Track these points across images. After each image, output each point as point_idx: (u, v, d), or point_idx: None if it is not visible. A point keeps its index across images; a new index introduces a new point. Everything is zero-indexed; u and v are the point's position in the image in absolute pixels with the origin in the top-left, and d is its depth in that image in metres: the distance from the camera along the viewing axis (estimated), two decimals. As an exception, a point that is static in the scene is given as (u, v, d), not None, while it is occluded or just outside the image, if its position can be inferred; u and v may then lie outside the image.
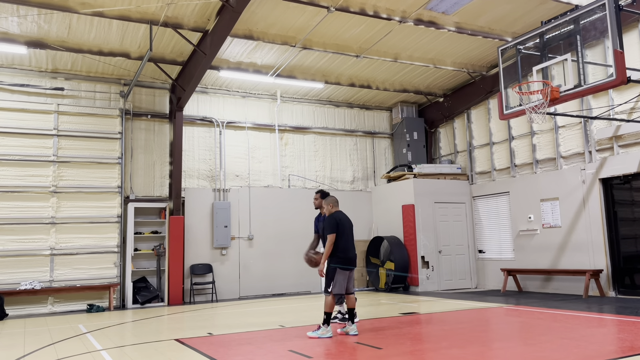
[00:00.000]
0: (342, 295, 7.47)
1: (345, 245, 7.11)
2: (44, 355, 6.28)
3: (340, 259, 7.04)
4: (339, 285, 7.00)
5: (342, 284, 7.02)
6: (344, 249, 7.08)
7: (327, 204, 7.33)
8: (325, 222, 7.23)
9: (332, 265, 7.02)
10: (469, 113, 14.46)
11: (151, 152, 12.72)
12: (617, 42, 7.39)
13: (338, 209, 7.38)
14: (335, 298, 7.11)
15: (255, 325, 8.22)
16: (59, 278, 11.31)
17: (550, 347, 5.65)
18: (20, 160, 11.32)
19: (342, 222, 7.16)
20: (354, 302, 7.24)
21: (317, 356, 5.66)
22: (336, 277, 6.99)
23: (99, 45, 10.92)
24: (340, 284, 7.00)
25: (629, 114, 10.48)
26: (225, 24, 9.60)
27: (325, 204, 7.35)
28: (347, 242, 7.14)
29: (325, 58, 12.33)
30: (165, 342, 6.99)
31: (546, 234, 11.96)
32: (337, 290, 6.99)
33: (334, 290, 6.98)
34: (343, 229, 7.12)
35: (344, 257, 7.06)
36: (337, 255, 7.04)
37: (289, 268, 13.64)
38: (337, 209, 7.34)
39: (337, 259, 7.03)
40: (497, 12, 10.73)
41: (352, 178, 15.31)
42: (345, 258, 7.07)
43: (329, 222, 7.12)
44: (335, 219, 7.13)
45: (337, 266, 6.99)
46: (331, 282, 7.01)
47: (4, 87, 11.37)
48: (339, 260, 7.03)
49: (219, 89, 13.72)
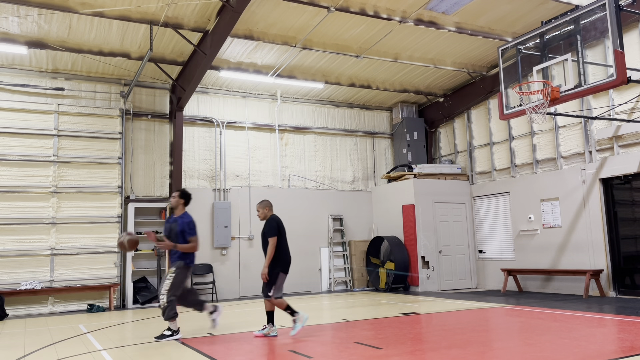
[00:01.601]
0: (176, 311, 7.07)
1: (286, 247, 7.08)
2: (45, 355, 6.28)
3: (283, 262, 7.01)
4: (282, 288, 7.05)
5: (281, 287, 7.05)
6: (286, 252, 7.07)
7: (263, 207, 7.23)
8: (265, 225, 7.09)
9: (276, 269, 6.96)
10: (469, 113, 14.47)
11: (151, 152, 12.73)
12: (617, 42, 7.38)
13: (273, 212, 7.30)
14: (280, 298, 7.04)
15: (256, 325, 8.22)
16: (59, 278, 11.32)
17: (551, 347, 5.65)
18: (21, 160, 11.32)
19: (281, 225, 7.10)
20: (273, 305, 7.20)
21: (317, 356, 5.66)
22: (278, 281, 6.98)
23: (99, 45, 10.92)
24: (280, 288, 7.02)
25: (629, 114, 10.48)
26: (225, 24, 9.61)
27: (261, 207, 7.23)
28: (286, 245, 7.11)
29: (325, 58, 12.33)
30: (166, 342, 6.99)
31: (546, 234, 11.96)
32: (278, 294, 6.98)
33: (275, 294, 6.97)
34: (282, 233, 7.06)
35: (285, 259, 7.05)
36: (280, 258, 6.98)
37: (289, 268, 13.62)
38: (272, 213, 7.27)
39: (281, 262, 6.99)
40: (497, 12, 10.74)
41: (352, 178, 15.31)
42: (286, 261, 7.07)
43: (269, 225, 7.02)
44: (276, 221, 7.04)
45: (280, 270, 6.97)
46: (273, 286, 6.96)
47: (4, 87, 11.38)
48: (282, 264, 7.00)
49: (219, 89, 13.72)
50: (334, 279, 14.14)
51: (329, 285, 14.13)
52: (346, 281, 14.35)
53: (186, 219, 7.23)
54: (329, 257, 14.24)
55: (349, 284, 14.34)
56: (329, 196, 14.53)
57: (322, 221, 14.31)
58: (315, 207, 14.26)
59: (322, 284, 14.06)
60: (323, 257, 14.18)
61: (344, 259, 14.46)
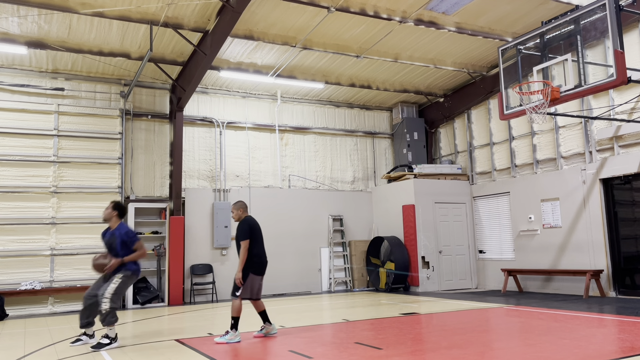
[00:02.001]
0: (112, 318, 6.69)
1: (260, 250, 6.95)
2: (44, 356, 6.28)
3: (256, 265, 6.89)
4: (254, 290, 6.89)
5: (253, 289, 6.90)
6: (259, 255, 6.93)
7: (237, 208, 7.12)
8: (237, 228, 6.97)
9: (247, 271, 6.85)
10: (469, 113, 14.46)
11: (151, 153, 12.73)
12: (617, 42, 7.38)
13: (248, 213, 7.20)
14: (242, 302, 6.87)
15: (256, 325, 8.22)
16: (59, 278, 11.31)
17: (551, 348, 5.65)
18: (21, 160, 11.32)
19: (254, 227, 6.97)
20: (263, 305, 7.16)
21: (317, 356, 5.65)
22: (249, 282, 6.85)
23: (99, 45, 10.92)
24: (251, 289, 6.87)
25: (629, 114, 10.47)
26: (225, 24, 9.60)
27: (235, 208, 7.13)
28: (261, 247, 6.98)
29: (325, 58, 12.33)
30: (166, 342, 6.99)
31: (546, 234, 11.95)
32: (248, 295, 6.84)
33: (243, 295, 6.82)
34: (256, 234, 6.95)
35: (259, 262, 6.92)
36: (252, 261, 6.87)
37: (290, 268, 13.64)
38: (247, 214, 7.17)
39: (253, 264, 6.87)
40: (497, 12, 10.73)
41: (353, 178, 15.31)
42: (260, 263, 6.93)
43: (241, 228, 6.90)
44: (248, 224, 6.92)
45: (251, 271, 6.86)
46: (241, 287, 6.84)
47: (5, 88, 11.38)
48: (255, 266, 6.88)
49: (219, 89, 13.72)
50: (334, 279, 14.14)
51: (329, 285, 14.12)
52: (346, 281, 14.35)
53: (123, 230, 6.93)
54: (329, 257, 14.23)
55: (349, 284, 14.34)
56: (329, 196, 14.53)
57: (322, 221, 14.31)
58: (315, 207, 14.25)
59: (322, 284, 14.06)
60: (323, 257, 14.18)
61: (344, 259, 14.46)
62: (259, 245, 6.96)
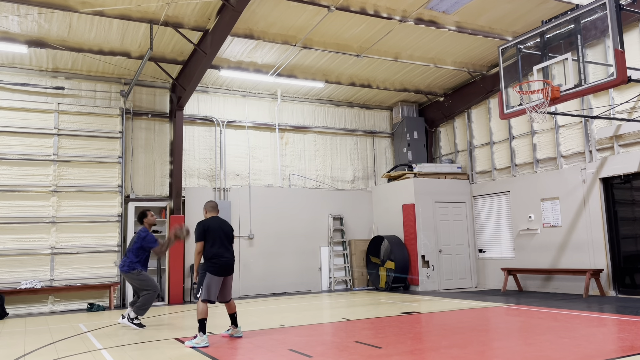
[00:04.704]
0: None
1: (217, 251, 6.87)
2: (45, 355, 6.29)
3: (213, 265, 6.82)
4: (212, 291, 6.80)
5: (214, 291, 6.82)
6: (217, 255, 6.86)
7: (204, 208, 7.29)
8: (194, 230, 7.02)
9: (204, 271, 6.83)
10: (469, 112, 14.46)
11: (151, 152, 12.73)
12: (617, 41, 7.38)
13: (214, 214, 7.19)
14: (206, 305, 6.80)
15: (256, 324, 8.22)
16: (59, 277, 11.32)
17: (551, 347, 5.65)
18: (21, 159, 11.32)
19: (209, 228, 6.92)
20: (234, 307, 7.14)
21: (317, 356, 5.66)
22: (208, 282, 6.79)
23: (100, 44, 10.92)
24: (212, 290, 6.80)
25: (629, 114, 10.47)
26: (225, 23, 9.60)
27: (203, 208, 7.31)
28: (220, 247, 6.90)
29: (325, 57, 12.32)
30: (166, 341, 7.00)
31: (546, 234, 11.95)
32: (206, 297, 6.76)
33: (202, 296, 6.76)
34: (213, 236, 6.88)
35: (217, 263, 6.84)
36: (209, 261, 6.83)
37: (290, 267, 13.65)
38: (212, 214, 7.16)
39: (212, 265, 6.82)
40: (497, 11, 10.73)
41: (353, 177, 15.31)
42: (218, 264, 6.85)
43: (196, 230, 6.93)
44: (202, 226, 6.91)
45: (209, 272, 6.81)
46: (201, 288, 6.82)
47: (5, 87, 11.38)
48: (214, 267, 6.82)
49: (219, 88, 13.72)
50: (334, 278, 14.14)
51: (329, 284, 14.13)
52: (346, 280, 14.35)
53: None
54: (329, 256, 14.24)
55: (349, 283, 14.34)
56: (329, 195, 14.53)
57: (322, 220, 14.31)
58: (315, 207, 14.26)
59: (322, 283, 14.07)
60: (323, 256, 14.18)
61: (344, 258, 14.46)
62: (217, 246, 6.88)
